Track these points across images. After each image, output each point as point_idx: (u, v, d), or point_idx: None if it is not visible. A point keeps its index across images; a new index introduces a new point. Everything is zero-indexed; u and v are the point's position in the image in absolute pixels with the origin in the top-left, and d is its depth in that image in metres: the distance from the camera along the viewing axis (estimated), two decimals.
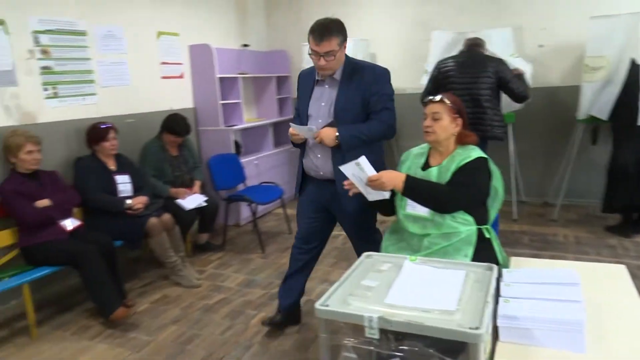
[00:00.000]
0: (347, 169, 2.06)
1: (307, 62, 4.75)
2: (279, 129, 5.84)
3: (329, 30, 2.19)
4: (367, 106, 2.33)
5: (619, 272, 1.98)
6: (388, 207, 2.22)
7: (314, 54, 2.22)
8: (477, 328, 1.31)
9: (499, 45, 4.19)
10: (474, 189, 2.02)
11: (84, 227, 3.16)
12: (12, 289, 2.81)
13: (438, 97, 2.15)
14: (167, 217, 3.50)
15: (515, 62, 4.11)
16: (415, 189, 2.00)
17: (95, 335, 2.82)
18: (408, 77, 5.27)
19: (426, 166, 2.18)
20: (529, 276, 1.76)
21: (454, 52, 4.21)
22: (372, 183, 2.01)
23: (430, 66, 4.36)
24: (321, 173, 2.43)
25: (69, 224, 3.07)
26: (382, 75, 2.36)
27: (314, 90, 2.41)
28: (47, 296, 3.35)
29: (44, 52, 3.35)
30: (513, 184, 4.68)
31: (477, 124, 3.64)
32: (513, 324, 1.50)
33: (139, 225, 3.32)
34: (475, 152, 2.07)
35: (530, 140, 4.98)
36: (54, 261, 2.92)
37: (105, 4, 3.80)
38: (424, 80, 4.45)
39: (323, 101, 2.38)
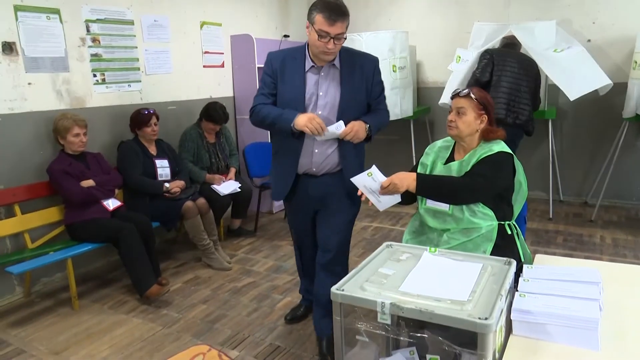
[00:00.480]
0: (358, 180, 2.00)
1: None
2: None
3: (343, 10, 2.02)
4: (369, 96, 2.27)
5: None
6: (408, 196, 2.22)
7: (324, 35, 2.01)
8: (486, 319, 1.33)
9: (543, 38, 4.06)
10: (489, 181, 1.97)
11: (124, 207, 3.34)
12: (58, 262, 3.03)
13: (465, 91, 2.09)
14: (202, 201, 3.64)
15: (562, 56, 3.98)
16: (428, 185, 1.99)
17: (130, 310, 3.00)
18: (448, 71, 5.20)
19: (450, 160, 2.16)
20: (550, 273, 1.75)
21: (496, 45, 4.13)
22: (385, 190, 1.96)
23: (465, 54, 4.28)
24: (314, 169, 2.27)
25: (111, 203, 3.25)
26: (378, 63, 2.30)
27: (306, 77, 2.17)
28: (89, 271, 3.58)
29: (94, 40, 3.55)
30: (551, 182, 4.55)
31: (519, 114, 3.81)
32: (526, 318, 1.50)
33: (176, 208, 3.48)
34: (498, 147, 2.05)
35: (572, 137, 4.83)
36: (95, 238, 3.11)
37: None
38: (452, 67, 4.38)
39: (321, 91, 2.17)
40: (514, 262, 1.70)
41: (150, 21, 3.94)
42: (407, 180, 1.96)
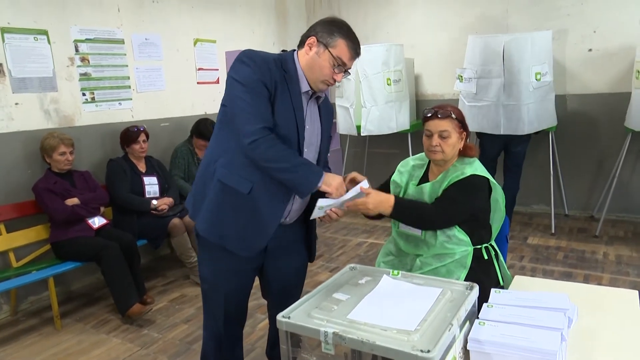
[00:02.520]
0: (319, 211, 1.77)
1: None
2: None
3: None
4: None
5: (629, 298, 1.81)
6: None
7: (340, 65, 1.70)
8: (428, 351, 1.25)
9: (539, 49, 3.96)
10: (461, 206, 1.91)
11: (110, 225, 3.34)
12: (45, 280, 3.02)
13: (446, 113, 1.95)
14: (189, 218, 3.62)
15: (532, 90, 3.96)
16: (402, 211, 1.90)
17: (112, 330, 2.97)
18: (447, 83, 5.13)
19: (423, 180, 2.08)
20: (516, 299, 1.65)
21: (492, 56, 4.04)
22: (356, 207, 1.79)
23: (465, 72, 4.23)
24: (287, 219, 1.86)
25: (97, 221, 3.26)
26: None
27: (305, 107, 1.77)
28: (77, 289, 3.58)
29: (83, 59, 3.59)
30: (552, 195, 4.40)
31: None
32: (482, 349, 1.41)
33: (162, 226, 3.46)
34: (470, 168, 1.95)
35: (575, 149, 4.68)
36: (79, 257, 3.11)
37: (145, 14, 4.01)
38: (459, 87, 4.32)
39: (308, 124, 1.79)
40: (476, 287, 1.62)
41: (141, 40, 3.98)
42: (383, 204, 1.84)
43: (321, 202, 1.73)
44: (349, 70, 1.77)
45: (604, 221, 4.23)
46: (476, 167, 1.98)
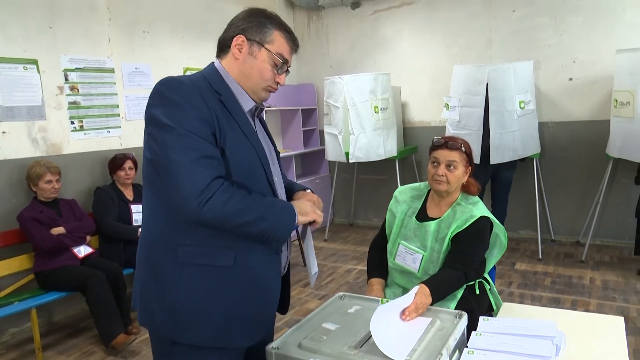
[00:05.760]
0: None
1: (331, 95, 4.83)
2: (304, 159, 5.91)
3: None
4: None
5: (615, 324, 1.83)
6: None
7: (282, 64, 1.42)
8: None
9: (520, 78, 4.08)
10: (478, 257, 1.95)
11: (96, 254, 3.30)
12: (26, 311, 2.95)
13: (456, 144, 1.96)
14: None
15: (516, 119, 4.07)
16: (439, 295, 1.78)
17: None
18: (433, 110, 5.23)
19: (422, 214, 2.05)
20: (505, 326, 1.66)
21: (475, 85, 4.14)
22: (412, 316, 1.60)
23: (451, 100, 4.32)
24: (283, 271, 1.57)
25: (82, 250, 3.21)
26: None
27: (255, 129, 1.45)
28: (59, 320, 3.49)
29: (73, 88, 3.61)
30: (539, 221, 4.45)
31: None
32: None
33: None
34: (477, 210, 1.95)
35: (560, 175, 4.76)
36: (64, 286, 3.05)
37: (135, 44, 4.06)
38: (445, 115, 4.41)
39: (265, 148, 1.47)
40: (465, 316, 1.62)
41: (131, 69, 4.02)
42: (427, 300, 1.68)
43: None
44: (289, 69, 1.46)
45: (589, 246, 4.28)
46: (481, 207, 1.98)
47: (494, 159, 4.03)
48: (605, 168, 4.25)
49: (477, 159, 4.09)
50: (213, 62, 1.44)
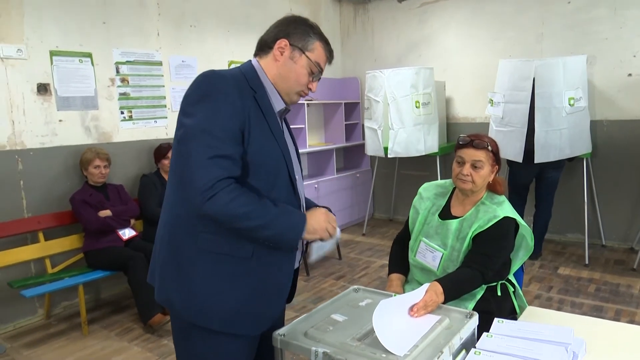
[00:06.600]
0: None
1: (372, 89, 4.81)
2: (346, 153, 5.93)
3: None
4: None
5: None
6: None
7: (317, 72, 1.48)
8: None
9: (572, 74, 3.88)
10: (497, 259, 1.88)
11: (139, 237, 3.49)
12: (76, 287, 3.19)
13: (482, 143, 1.91)
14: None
15: (565, 116, 3.87)
16: (453, 294, 1.75)
17: (134, 338, 3.09)
18: (479, 106, 5.08)
19: (446, 212, 2.02)
20: (519, 330, 1.62)
21: (521, 80, 3.98)
22: (420, 313, 1.59)
23: (495, 96, 4.19)
24: (296, 266, 1.61)
25: (127, 233, 3.42)
26: None
27: (282, 130, 1.51)
28: (105, 297, 3.74)
29: (123, 80, 3.82)
30: (586, 224, 4.23)
31: None
32: None
33: None
34: (502, 210, 1.89)
35: (615, 177, 4.49)
36: (107, 266, 3.27)
37: (182, 38, 4.23)
38: (489, 111, 4.28)
39: (290, 150, 1.53)
40: (476, 316, 1.60)
41: (177, 62, 4.19)
42: (439, 298, 1.67)
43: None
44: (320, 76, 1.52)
45: None
46: (506, 208, 1.92)
47: (539, 158, 3.87)
48: None
49: (519, 158, 3.95)
50: (250, 60, 1.51)
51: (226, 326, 1.42)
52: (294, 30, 1.45)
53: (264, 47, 1.49)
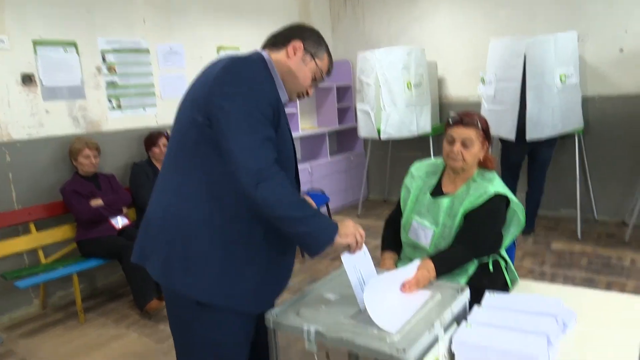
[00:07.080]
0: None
1: (363, 71, 4.79)
2: (339, 137, 5.91)
3: None
4: None
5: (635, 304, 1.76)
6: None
7: (320, 79, 1.61)
8: (404, 350, 1.26)
9: (563, 52, 3.86)
10: (488, 235, 1.90)
11: (132, 226, 3.48)
12: (71, 276, 3.19)
13: (472, 121, 1.91)
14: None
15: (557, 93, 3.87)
16: (443, 269, 1.77)
17: (131, 324, 3.10)
18: (471, 85, 5.05)
19: (437, 191, 2.03)
20: (510, 302, 1.64)
21: (512, 58, 3.95)
22: (412, 289, 1.60)
23: (487, 74, 4.17)
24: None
25: (120, 221, 3.41)
26: None
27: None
28: (101, 286, 3.75)
29: (110, 68, 3.77)
30: (578, 199, 4.26)
31: None
32: (466, 351, 1.41)
33: None
34: (493, 187, 1.89)
35: (607, 152, 4.51)
36: (102, 255, 3.27)
37: (169, 25, 4.16)
38: (481, 90, 4.27)
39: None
40: (467, 290, 1.61)
41: (165, 49, 4.14)
42: (430, 274, 1.69)
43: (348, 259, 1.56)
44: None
45: (634, 227, 4.06)
46: (497, 184, 1.92)
47: (531, 135, 3.87)
48: None
49: (512, 136, 3.95)
50: (259, 51, 1.54)
51: (233, 303, 1.46)
52: (309, 36, 1.55)
53: (276, 42, 1.55)
